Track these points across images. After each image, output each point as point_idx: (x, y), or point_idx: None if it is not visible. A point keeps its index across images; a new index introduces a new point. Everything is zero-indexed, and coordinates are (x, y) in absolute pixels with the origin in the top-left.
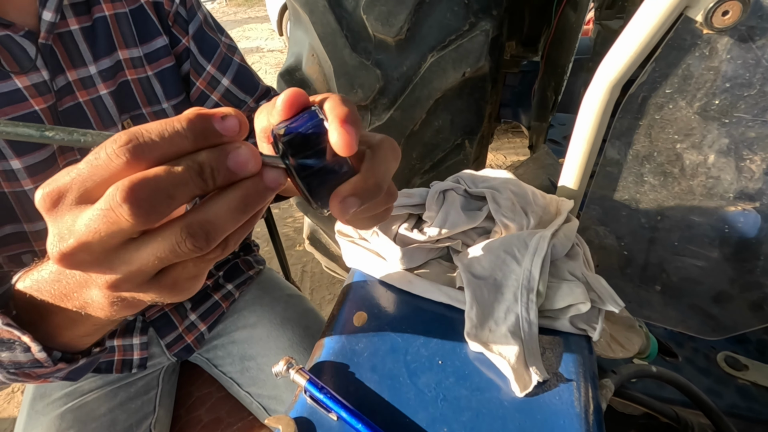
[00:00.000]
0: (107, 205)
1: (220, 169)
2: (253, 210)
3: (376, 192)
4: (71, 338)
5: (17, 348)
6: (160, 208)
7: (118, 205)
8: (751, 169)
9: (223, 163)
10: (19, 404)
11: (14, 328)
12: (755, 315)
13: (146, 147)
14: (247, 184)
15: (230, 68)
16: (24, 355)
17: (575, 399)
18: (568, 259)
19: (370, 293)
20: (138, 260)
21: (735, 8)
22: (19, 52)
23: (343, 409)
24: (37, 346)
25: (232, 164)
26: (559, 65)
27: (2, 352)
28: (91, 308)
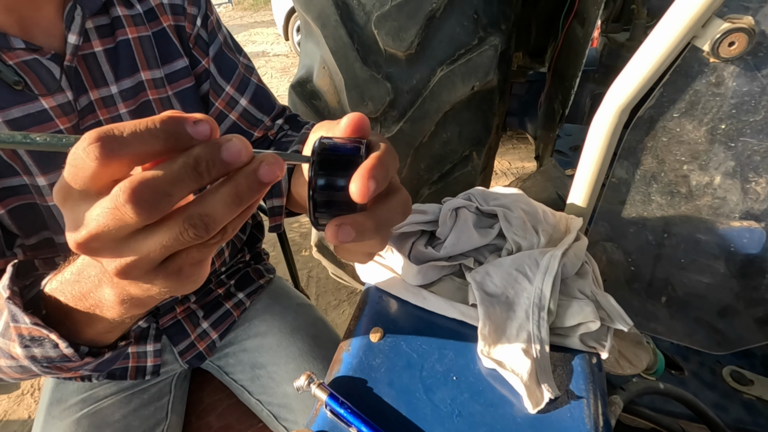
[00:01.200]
0: (113, 204)
1: (215, 161)
2: (248, 202)
3: (372, 234)
4: (94, 335)
5: (47, 344)
6: (160, 205)
7: (122, 205)
8: (757, 191)
9: (218, 156)
10: (28, 407)
11: (42, 327)
12: (761, 330)
13: (116, 144)
14: (241, 178)
15: (248, 89)
16: (53, 351)
17: (585, 416)
18: (577, 277)
19: (385, 309)
20: (145, 248)
21: (741, 40)
22: (45, 74)
23: (364, 424)
24: (63, 343)
25: (226, 155)
26: (567, 79)
27: (35, 349)
28: (104, 308)
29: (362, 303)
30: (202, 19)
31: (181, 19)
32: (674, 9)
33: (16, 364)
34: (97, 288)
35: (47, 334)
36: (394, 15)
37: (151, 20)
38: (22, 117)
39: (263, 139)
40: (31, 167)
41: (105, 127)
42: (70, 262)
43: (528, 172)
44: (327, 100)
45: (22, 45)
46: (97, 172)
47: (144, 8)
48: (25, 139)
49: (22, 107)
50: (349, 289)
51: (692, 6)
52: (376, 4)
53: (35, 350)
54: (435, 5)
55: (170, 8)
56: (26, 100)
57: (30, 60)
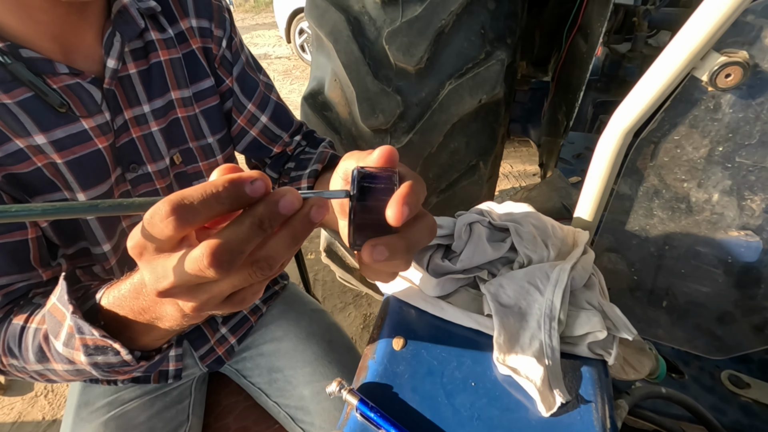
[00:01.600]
0: (196, 266)
1: (274, 216)
2: (302, 240)
3: (402, 254)
4: (147, 342)
5: (110, 353)
6: (236, 263)
7: (206, 268)
8: (752, 208)
9: (276, 211)
10: (42, 408)
11: (108, 338)
12: (757, 336)
13: (190, 214)
14: (296, 222)
15: (268, 106)
16: (115, 358)
17: (594, 419)
18: (585, 289)
19: (406, 319)
20: (217, 290)
21: (736, 72)
22: (86, 97)
23: (393, 427)
24: (125, 350)
25: (283, 209)
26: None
27: (98, 357)
28: (164, 320)
29: (383, 312)
30: (227, 41)
31: (208, 41)
32: (675, 42)
33: (73, 368)
34: (158, 305)
35: (111, 344)
36: (405, 31)
37: (181, 42)
38: (65, 137)
39: (282, 154)
40: (72, 184)
41: (176, 198)
42: (127, 277)
43: (528, 174)
44: (338, 112)
45: (65, 70)
46: (173, 237)
47: (175, 31)
48: (91, 208)
49: (65, 128)
50: (354, 292)
51: (692, 40)
52: (387, 21)
53: (98, 358)
54: (444, 21)
55: (198, 31)
56: (69, 121)
57: (73, 84)
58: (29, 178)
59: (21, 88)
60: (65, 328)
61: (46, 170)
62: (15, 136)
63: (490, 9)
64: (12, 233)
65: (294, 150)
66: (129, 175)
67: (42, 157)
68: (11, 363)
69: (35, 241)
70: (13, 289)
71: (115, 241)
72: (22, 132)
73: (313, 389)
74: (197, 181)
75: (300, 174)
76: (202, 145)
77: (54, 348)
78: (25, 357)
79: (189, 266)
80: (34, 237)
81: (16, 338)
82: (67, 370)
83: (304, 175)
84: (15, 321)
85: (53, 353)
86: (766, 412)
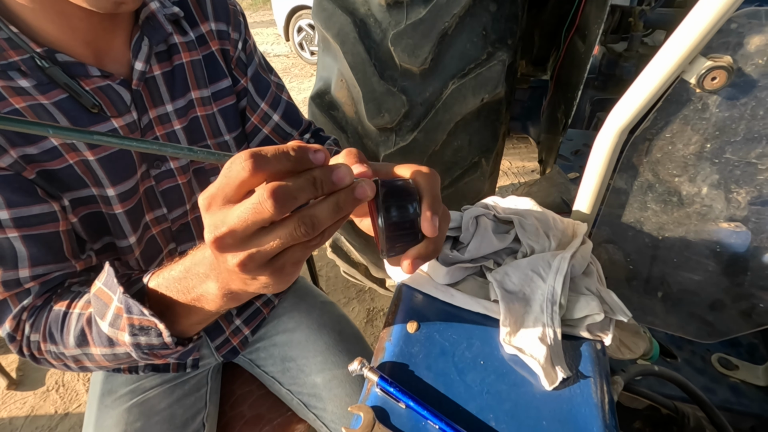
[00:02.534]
0: (257, 200)
1: (327, 180)
2: (344, 212)
3: (432, 257)
4: (186, 326)
5: (152, 334)
6: (288, 204)
7: (265, 200)
8: (738, 200)
9: (329, 177)
10: (54, 402)
11: (155, 317)
12: (745, 321)
13: (264, 161)
14: (342, 193)
15: (280, 105)
16: (157, 339)
17: (593, 392)
18: (584, 276)
19: (418, 305)
20: (265, 241)
21: (722, 75)
22: (116, 98)
23: (411, 400)
24: (167, 332)
25: (335, 178)
26: (569, 90)
27: (141, 337)
28: (205, 300)
29: (397, 299)
30: (242, 43)
31: (225, 44)
32: (666, 47)
33: (110, 352)
34: (203, 283)
35: (156, 323)
36: (409, 33)
37: (202, 45)
38: None
39: None
40: (103, 180)
41: (254, 149)
42: (176, 262)
43: (527, 170)
44: (345, 111)
45: (97, 73)
46: (246, 181)
47: (196, 34)
48: (190, 152)
49: (97, 127)
50: (358, 287)
51: (681, 46)
52: (392, 23)
53: (141, 338)
54: (447, 23)
55: (217, 34)
56: (100, 120)
57: (104, 86)
58: (61, 175)
59: (57, 90)
60: (112, 309)
61: (77, 167)
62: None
63: (491, 11)
64: (45, 225)
65: None
66: (153, 171)
67: (74, 155)
68: (49, 349)
69: (66, 234)
70: (50, 278)
71: (139, 234)
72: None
73: (324, 377)
74: (213, 177)
75: None
76: (220, 143)
77: (97, 330)
78: (65, 341)
79: (250, 201)
80: (65, 230)
81: (59, 323)
82: (104, 353)
83: None
84: (57, 307)
85: (94, 336)
86: (753, 392)
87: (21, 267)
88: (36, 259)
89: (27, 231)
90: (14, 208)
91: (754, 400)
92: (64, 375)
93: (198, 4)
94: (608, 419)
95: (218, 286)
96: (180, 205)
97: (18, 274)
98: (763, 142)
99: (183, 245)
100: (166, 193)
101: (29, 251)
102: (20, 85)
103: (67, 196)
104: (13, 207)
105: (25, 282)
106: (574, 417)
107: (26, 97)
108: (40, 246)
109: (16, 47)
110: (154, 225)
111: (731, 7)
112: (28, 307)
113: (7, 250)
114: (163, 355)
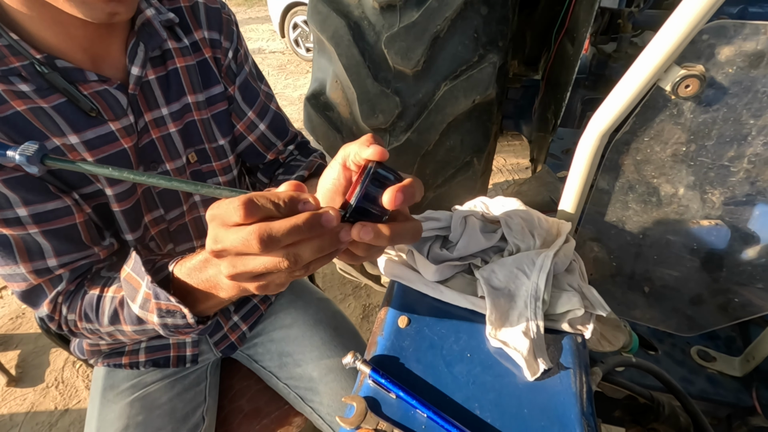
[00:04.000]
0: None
1: (315, 225)
2: (327, 251)
3: (383, 242)
4: (203, 309)
5: (178, 316)
6: (272, 246)
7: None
8: (712, 200)
9: (317, 221)
10: (53, 399)
11: (180, 303)
12: (723, 315)
13: (254, 210)
14: (327, 236)
15: (267, 115)
16: (182, 320)
17: (572, 382)
18: (567, 273)
19: (408, 301)
20: (252, 265)
21: (694, 83)
22: (113, 102)
23: (401, 390)
24: (190, 315)
25: (323, 221)
26: (559, 90)
27: (168, 319)
28: (220, 289)
29: (389, 296)
30: (233, 52)
31: (217, 52)
32: (643, 57)
33: (140, 328)
34: (217, 277)
35: (181, 308)
36: (403, 36)
37: (195, 51)
38: (94, 138)
39: (274, 161)
40: (102, 180)
41: (248, 197)
42: (197, 253)
43: (521, 167)
44: (340, 112)
45: (95, 77)
46: (239, 223)
47: (190, 41)
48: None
49: (94, 130)
50: (353, 284)
51: (657, 55)
52: (385, 26)
53: (168, 320)
54: (439, 27)
55: (210, 42)
56: (98, 124)
57: (101, 90)
58: (66, 174)
59: (56, 94)
60: (141, 294)
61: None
62: (52, 135)
63: (482, 14)
64: (61, 219)
65: (286, 158)
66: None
67: (75, 155)
68: (85, 327)
69: (83, 225)
70: (78, 266)
71: (140, 234)
72: (58, 132)
73: (321, 371)
74: (210, 179)
75: (286, 178)
76: (215, 147)
77: (128, 311)
78: (100, 321)
79: (240, 235)
80: (82, 221)
81: (93, 305)
82: (135, 330)
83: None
84: (91, 291)
85: (125, 316)
86: (729, 382)
87: (48, 257)
88: (59, 251)
89: (46, 226)
90: (31, 205)
91: (730, 390)
92: (64, 371)
93: (192, 13)
94: (586, 407)
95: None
96: (177, 206)
97: (47, 264)
98: (734, 145)
99: (181, 245)
100: (162, 194)
101: (51, 244)
102: (21, 89)
103: (76, 192)
104: (30, 204)
105: (54, 270)
106: (554, 405)
107: (26, 101)
108: (60, 239)
109: (17, 53)
110: (152, 226)
111: (702, 19)
112: (62, 292)
113: (32, 244)
114: (187, 332)
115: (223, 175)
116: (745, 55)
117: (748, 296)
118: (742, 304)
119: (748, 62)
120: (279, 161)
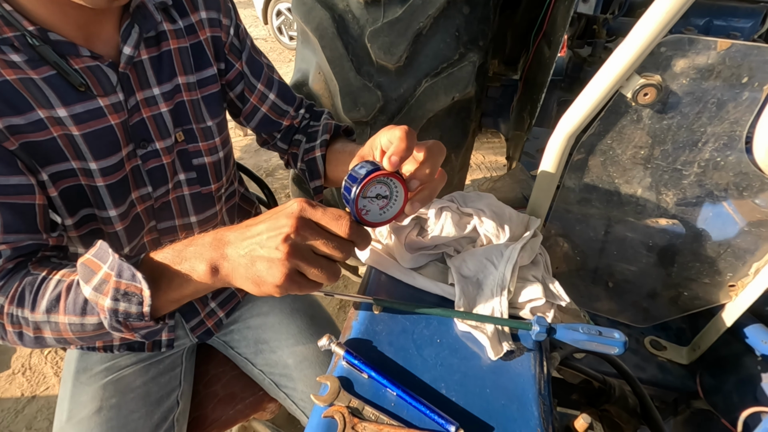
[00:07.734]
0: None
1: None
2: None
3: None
4: (164, 302)
5: (134, 301)
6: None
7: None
8: (666, 201)
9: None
10: (20, 385)
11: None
12: (673, 307)
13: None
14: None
15: (274, 85)
16: (135, 308)
17: (532, 365)
18: (532, 265)
19: (383, 287)
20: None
21: (652, 92)
22: (103, 78)
23: (372, 371)
24: (148, 300)
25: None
26: (535, 91)
27: (122, 303)
28: (193, 272)
29: (365, 281)
30: (234, 29)
31: (217, 30)
32: (607, 65)
33: (78, 322)
34: (196, 259)
35: (143, 289)
36: (386, 31)
37: (190, 34)
38: (83, 112)
39: (290, 127)
40: (86, 154)
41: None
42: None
43: (499, 165)
44: (322, 104)
45: (87, 53)
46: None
47: (185, 23)
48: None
49: (83, 104)
50: None
51: (619, 64)
52: (369, 20)
53: (121, 304)
54: (422, 24)
55: (208, 22)
56: (87, 98)
57: (93, 66)
58: (44, 147)
59: (46, 66)
60: (99, 275)
61: (60, 140)
62: (39, 107)
63: (465, 13)
64: (22, 196)
65: (300, 123)
66: (140, 151)
67: (59, 128)
68: (10, 311)
69: (41, 208)
70: (22, 245)
71: (124, 209)
72: (46, 104)
73: (296, 358)
74: (195, 159)
75: (312, 146)
76: (203, 127)
77: (74, 297)
78: (36, 305)
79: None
80: (41, 204)
81: (34, 286)
82: (70, 322)
83: (316, 146)
84: (35, 271)
85: (68, 303)
86: (677, 369)
87: None
88: (8, 226)
89: (3, 199)
90: None
91: (678, 377)
92: (31, 358)
93: None
94: (543, 388)
95: (206, 267)
96: (163, 184)
97: None
98: (686, 150)
99: (162, 222)
100: (151, 172)
101: (3, 218)
102: (12, 59)
103: (47, 170)
104: None
105: None
106: (513, 385)
107: (17, 71)
108: (14, 214)
109: (9, 24)
110: (139, 203)
111: (661, 32)
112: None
113: None
114: (133, 328)
115: (209, 156)
116: (698, 68)
117: (696, 290)
118: (690, 297)
119: (700, 75)
120: (294, 126)
